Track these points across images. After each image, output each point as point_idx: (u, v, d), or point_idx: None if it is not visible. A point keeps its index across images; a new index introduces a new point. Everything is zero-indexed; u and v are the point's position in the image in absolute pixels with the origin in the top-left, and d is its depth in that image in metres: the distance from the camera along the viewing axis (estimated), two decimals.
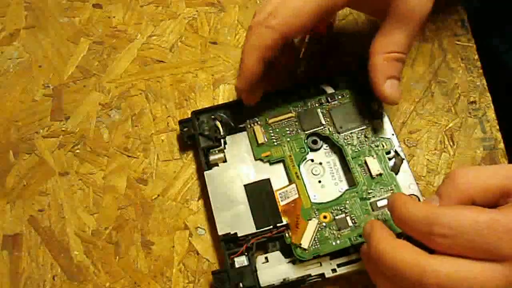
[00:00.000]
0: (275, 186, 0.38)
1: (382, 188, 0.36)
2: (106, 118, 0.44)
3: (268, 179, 0.38)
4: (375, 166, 0.37)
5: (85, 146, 0.43)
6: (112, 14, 0.48)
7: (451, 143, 0.41)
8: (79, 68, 0.46)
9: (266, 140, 0.39)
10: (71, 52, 0.47)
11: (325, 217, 0.36)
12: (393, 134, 0.39)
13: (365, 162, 0.37)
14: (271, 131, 0.39)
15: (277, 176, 0.38)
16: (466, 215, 0.27)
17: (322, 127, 0.39)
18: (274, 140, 0.39)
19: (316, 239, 0.35)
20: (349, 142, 0.38)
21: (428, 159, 0.40)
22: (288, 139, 0.39)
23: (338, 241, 0.35)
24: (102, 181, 0.41)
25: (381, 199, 0.36)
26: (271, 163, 0.39)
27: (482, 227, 0.26)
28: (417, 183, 0.37)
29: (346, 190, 0.37)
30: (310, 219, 0.36)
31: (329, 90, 0.41)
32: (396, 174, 0.37)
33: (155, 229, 0.39)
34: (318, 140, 0.39)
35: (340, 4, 0.35)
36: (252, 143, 0.39)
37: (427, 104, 0.42)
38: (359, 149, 0.38)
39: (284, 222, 0.36)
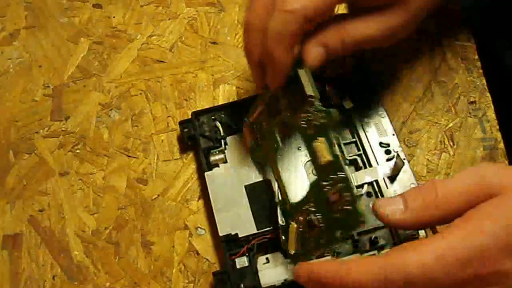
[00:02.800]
0: (276, 186, 0.38)
1: (333, 179, 0.31)
2: (106, 118, 0.44)
3: (269, 180, 0.38)
4: (323, 152, 0.31)
5: (85, 146, 0.43)
6: (112, 14, 0.48)
7: (451, 143, 0.41)
8: (79, 68, 0.46)
9: (253, 142, 0.38)
10: (71, 52, 0.47)
11: (301, 218, 0.33)
12: (393, 134, 0.39)
13: (314, 149, 0.32)
14: (256, 131, 0.38)
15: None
16: (413, 262, 0.25)
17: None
18: (258, 141, 0.38)
19: (299, 242, 0.33)
20: (303, 126, 0.33)
21: (428, 159, 0.40)
22: (264, 137, 0.37)
23: (316, 243, 0.32)
24: (102, 181, 0.41)
25: (334, 193, 0.31)
26: (262, 165, 0.38)
27: (431, 269, 0.25)
28: (417, 183, 0.37)
29: (311, 185, 0.33)
30: (290, 223, 0.34)
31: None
32: (397, 175, 0.37)
33: (155, 229, 0.39)
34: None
35: None
36: (246, 146, 0.39)
37: (427, 104, 0.42)
38: (311, 132, 0.33)
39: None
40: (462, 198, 0.26)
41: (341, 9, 0.41)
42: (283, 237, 0.34)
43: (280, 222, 0.36)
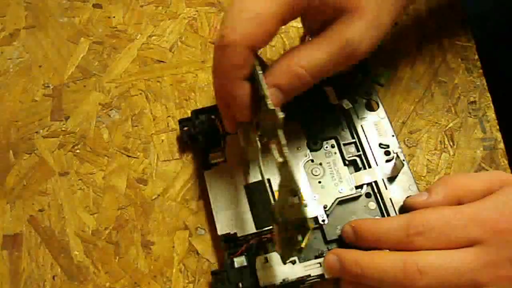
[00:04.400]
0: (275, 186, 0.38)
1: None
2: (106, 118, 0.44)
3: (268, 179, 0.38)
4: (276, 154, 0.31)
5: (85, 146, 0.43)
6: (112, 14, 0.48)
7: (451, 143, 0.41)
8: (79, 68, 0.46)
9: (245, 144, 0.37)
10: (71, 52, 0.47)
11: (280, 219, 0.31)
12: (393, 135, 0.39)
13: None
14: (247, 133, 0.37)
15: (277, 176, 0.38)
16: (434, 212, 0.30)
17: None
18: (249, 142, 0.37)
19: (285, 244, 0.32)
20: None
21: (428, 159, 0.40)
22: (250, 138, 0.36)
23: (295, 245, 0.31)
24: (102, 181, 0.41)
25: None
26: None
27: (449, 219, 0.30)
28: (416, 184, 0.37)
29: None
30: (273, 225, 0.33)
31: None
32: (396, 176, 0.37)
33: (155, 229, 0.39)
34: (319, 140, 0.39)
35: (300, 7, 0.31)
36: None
37: (427, 104, 0.42)
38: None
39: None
40: (482, 183, 0.32)
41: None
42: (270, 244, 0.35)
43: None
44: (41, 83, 0.46)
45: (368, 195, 0.37)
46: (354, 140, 0.39)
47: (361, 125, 0.39)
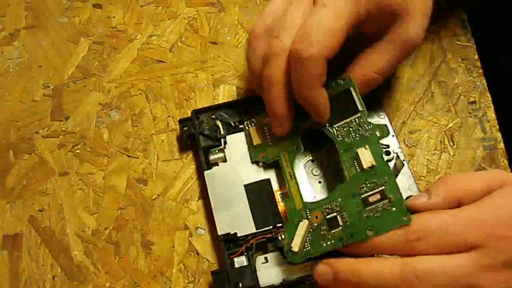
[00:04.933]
0: (275, 186, 0.38)
1: (375, 181, 0.33)
2: (106, 118, 0.44)
3: (268, 179, 0.38)
4: (367, 158, 0.34)
5: (85, 146, 0.43)
6: (112, 14, 0.48)
7: (451, 143, 0.41)
8: (79, 68, 0.46)
9: (261, 142, 0.39)
10: (71, 52, 0.47)
11: (316, 217, 0.34)
12: (393, 135, 0.39)
13: (357, 154, 0.34)
14: (267, 131, 0.39)
15: (277, 176, 0.38)
16: (433, 217, 0.30)
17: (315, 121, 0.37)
18: (269, 140, 0.39)
19: (307, 241, 0.34)
20: (342, 134, 0.36)
21: (428, 159, 0.40)
22: (283, 138, 0.38)
23: (329, 242, 0.33)
24: (102, 181, 0.41)
25: (374, 194, 0.33)
26: (266, 164, 0.38)
27: (447, 224, 0.30)
28: (416, 184, 0.37)
29: (338, 186, 0.34)
30: (301, 221, 0.34)
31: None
32: (396, 176, 0.37)
33: (155, 229, 0.39)
34: (320, 140, 0.39)
35: (362, 17, 0.35)
36: (249, 145, 0.39)
37: (427, 104, 0.42)
38: (352, 140, 0.35)
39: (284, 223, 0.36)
40: (482, 183, 0.31)
41: None
42: (284, 236, 0.34)
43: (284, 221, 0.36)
44: (41, 83, 0.46)
45: None
46: None
47: None
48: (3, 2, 0.49)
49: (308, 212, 0.34)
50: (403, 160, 0.37)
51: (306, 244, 0.33)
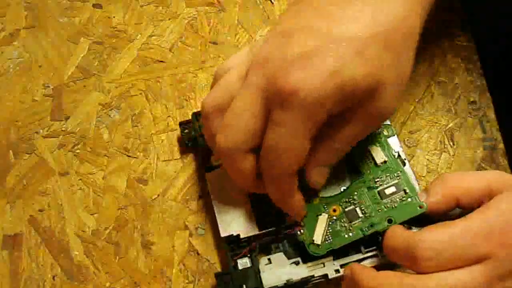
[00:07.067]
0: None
1: (388, 175, 0.36)
2: (106, 118, 0.44)
3: None
4: (379, 154, 0.37)
5: (85, 146, 0.43)
6: (112, 14, 0.48)
7: (451, 143, 0.41)
8: (79, 68, 0.46)
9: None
10: (71, 52, 0.47)
11: (334, 210, 0.36)
12: (394, 135, 0.39)
13: (369, 151, 0.37)
14: None
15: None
16: (442, 233, 0.30)
17: None
18: None
19: (328, 233, 0.35)
20: None
21: (428, 159, 0.40)
22: None
23: (350, 233, 0.35)
24: (102, 181, 0.41)
25: (389, 186, 0.36)
26: None
27: (457, 239, 0.29)
28: (418, 183, 0.37)
29: (353, 181, 0.37)
30: (320, 214, 0.35)
31: None
32: None
33: (155, 229, 0.39)
34: None
35: (326, 117, 0.31)
36: None
37: (427, 104, 0.42)
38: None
39: (287, 223, 0.36)
40: (481, 183, 0.31)
41: None
42: (303, 231, 0.35)
43: (286, 222, 0.36)
44: (41, 83, 0.45)
45: None
46: None
47: None
48: (3, 2, 0.49)
49: (325, 206, 0.36)
50: (405, 159, 0.37)
51: (327, 236, 0.35)
